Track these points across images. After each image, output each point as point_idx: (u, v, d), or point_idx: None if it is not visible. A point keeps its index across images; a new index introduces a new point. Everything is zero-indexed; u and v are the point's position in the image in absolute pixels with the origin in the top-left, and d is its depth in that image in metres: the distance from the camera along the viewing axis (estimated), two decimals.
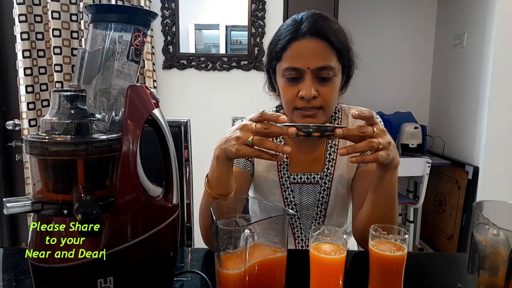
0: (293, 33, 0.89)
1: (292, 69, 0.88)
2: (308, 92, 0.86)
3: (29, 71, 1.96)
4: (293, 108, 0.91)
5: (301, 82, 0.88)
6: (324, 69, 0.87)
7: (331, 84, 0.89)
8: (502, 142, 2.35)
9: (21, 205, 0.53)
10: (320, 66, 0.87)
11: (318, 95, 0.88)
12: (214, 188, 0.80)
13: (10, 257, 0.89)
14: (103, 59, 0.58)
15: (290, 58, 0.89)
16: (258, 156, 0.71)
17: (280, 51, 0.90)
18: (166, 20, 2.15)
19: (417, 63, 3.12)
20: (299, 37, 0.88)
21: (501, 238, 0.58)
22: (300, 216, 1.04)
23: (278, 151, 0.69)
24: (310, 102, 0.88)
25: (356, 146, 0.70)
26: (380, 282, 0.66)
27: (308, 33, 0.87)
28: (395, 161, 0.75)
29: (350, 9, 2.91)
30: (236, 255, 0.59)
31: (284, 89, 0.92)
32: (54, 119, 0.55)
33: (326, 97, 0.89)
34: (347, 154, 0.70)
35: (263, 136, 0.71)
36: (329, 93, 0.89)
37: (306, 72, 0.87)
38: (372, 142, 0.69)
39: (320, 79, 0.88)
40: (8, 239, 2.13)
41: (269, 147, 0.69)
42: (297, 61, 0.88)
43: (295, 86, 0.89)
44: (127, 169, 0.55)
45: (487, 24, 2.36)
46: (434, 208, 2.91)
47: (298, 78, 0.89)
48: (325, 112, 0.91)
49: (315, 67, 0.87)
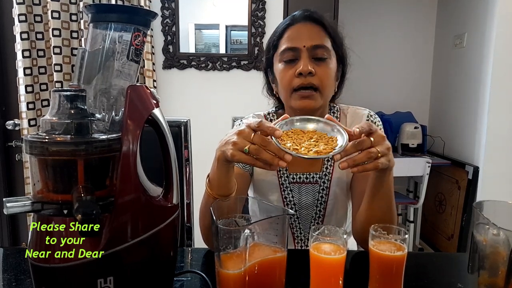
0: (288, 21, 0.96)
1: (288, 50, 0.93)
2: (305, 67, 0.90)
3: (29, 71, 1.96)
4: (291, 91, 0.93)
5: (298, 62, 0.92)
6: (319, 47, 0.92)
7: (326, 65, 0.93)
8: (502, 142, 2.35)
9: (21, 205, 0.53)
10: (315, 44, 0.92)
11: (314, 74, 0.91)
12: (215, 189, 0.79)
13: (10, 257, 0.89)
14: (103, 59, 0.58)
15: (286, 40, 0.94)
16: (253, 164, 0.70)
17: (277, 39, 0.97)
18: (166, 20, 2.15)
19: (417, 63, 3.12)
20: (294, 23, 0.95)
21: (501, 238, 0.58)
22: (299, 216, 1.04)
23: (274, 163, 0.69)
24: (307, 78, 0.91)
25: (356, 159, 0.69)
26: (380, 282, 0.66)
27: (302, 18, 0.94)
28: (390, 163, 0.75)
29: (350, 9, 2.91)
30: (236, 255, 0.59)
31: (282, 72, 0.95)
32: (54, 119, 0.55)
33: (322, 76, 0.92)
34: (348, 167, 0.69)
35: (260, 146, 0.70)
36: (325, 73, 0.93)
37: (302, 50, 0.92)
38: (371, 153, 0.69)
39: (315, 59, 0.92)
40: (8, 239, 2.13)
41: (265, 158, 0.68)
42: (293, 41, 0.93)
43: (292, 67, 0.93)
44: (127, 169, 0.55)
45: (487, 24, 2.36)
46: (434, 208, 2.92)
47: (295, 60, 0.93)
48: (322, 95, 0.93)
49: (310, 45, 0.91)
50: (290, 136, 0.73)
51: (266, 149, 0.68)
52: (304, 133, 0.75)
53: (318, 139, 0.72)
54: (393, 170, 0.80)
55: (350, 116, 1.04)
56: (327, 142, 0.71)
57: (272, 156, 0.68)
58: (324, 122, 0.77)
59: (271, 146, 0.68)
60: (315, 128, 0.77)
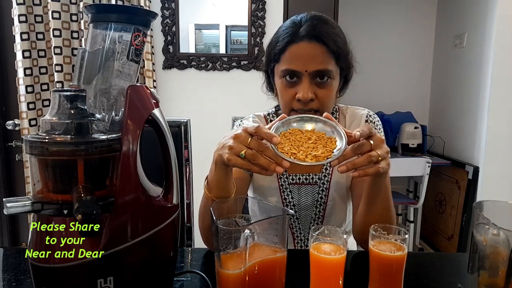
0: (292, 35, 0.89)
1: (289, 71, 0.89)
2: (305, 94, 0.87)
3: (29, 71, 1.96)
4: (290, 110, 0.92)
5: (299, 84, 0.89)
6: (321, 72, 0.88)
7: (328, 87, 0.90)
8: (502, 142, 2.35)
9: (21, 205, 0.53)
10: (318, 69, 0.87)
11: (315, 98, 0.88)
12: (213, 191, 0.79)
13: (10, 257, 0.89)
14: (103, 59, 0.58)
15: (288, 60, 0.89)
16: (249, 169, 0.70)
17: (278, 53, 0.91)
18: (166, 20, 2.15)
19: (417, 63, 3.12)
20: (297, 40, 0.88)
21: (501, 238, 0.58)
22: (299, 216, 1.04)
23: (270, 169, 0.68)
24: (307, 104, 0.89)
25: (356, 162, 0.69)
26: (380, 282, 0.66)
27: (306, 37, 0.87)
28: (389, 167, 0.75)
29: (350, 9, 2.91)
30: (236, 255, 0.59)
31: (282, 91, 0.92)
32: (54, 119, 0.55)
33: (323, 100, 0.89)
34: (348, 171, 0.69)
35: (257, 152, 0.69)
36: (326, 96, 0.90)
37: (304, 74, 0.88)
38: (371, 157, 0.69)
39: (317, 82, 0.89)
40: (8, 239, 2.13)
41: (262, 163, 0.68)
42: (295, 63, 0.88)
43: (293, 88, 0.90)
44: (127, 169, 0.55)
45: (487, 24, 2.36)
46: (434, 208, 2.91)
47: (296, 80, 0.89)
48: (322, 113, 0.91)
49: (312, 70, 0.87)
50: (288, 138, 0.72)
51: (263, 154, 0.68)
52: (303, 133, 0.74)
53: (316, 140, 0.72)
54: (393, 170, 0.80)
55: (349, 116, 1.04)
56: (326, 144, 0.71)
57: (269, 161, 0.68)
58: (323, 122, 0.76)
59: (268, 152, 0.68)
60: (313, 127, 0.76)
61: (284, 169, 0.68)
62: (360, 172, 0.70)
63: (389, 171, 0.79)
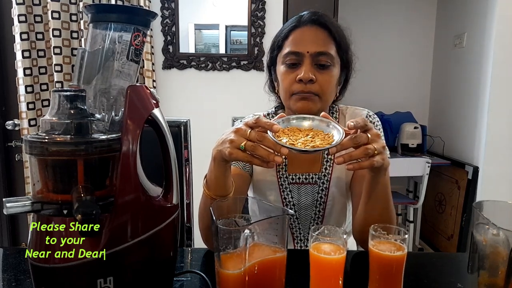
0: (295, 22, 0.94)
1: (292, 53, 0.92)
2: (306, 74, 0.89)
3: (29, 71, 1.96)
4: (291, 94, 0.93)
5: (300, 68, 0.91)
6: (323, 54, 0.91)
7: (329, 72, 0.92)
8: (502, 142, 2.35)
9: (21, 205, 0.53)
10: (319, 51, 0.90)
11: (315, 81, 0.90)
12: (212, 189, 0.80)
13: (10, 257, 0.89)
14: (103, 59, 0.58)
15: (291, 43, 0.93)
16: (250, 161, 0.71)
17: (282, 39, 0.95)
18: (166, 20, 2.15)
19: (417, 63, 3.12)
20: (300, 25, 0.93)
21: (501, 238, 0.58)
22: (298, 216, 1.04)
23: (270, 159, 0.69)
24: (307, 86, 0.90)
25: (352, 154, 0.69)
26: (380, 282, 0.66)
27: (309, 22, 0.93)
28: (385, 163, 0.75)
29: (350, 9, 2.91)
30: (236, 255, 0.59)
31: (283, 75, 0.94)
32: (54, 119, 0.55)
33: (323, 84, 0.91)
34: (344, 162, 0.69)
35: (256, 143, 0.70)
36: (327, 81, 0.91)
37: (305, 56, 0.90)
38: (368, 149, 0.69)
39: (318, 66, 0.91)
40: (8, 239, 2.13)
41: (261, 154, 0.69)
42: (297, 45, 0.92)
43: (294, 71, 0.92)
44: (127, 169, 0.55)
45: (487, 24, 2.36)
46: (434, 208, 2.92)
47: (297, 64, 0.92)
48: (321, 100, 0.92)
49: (314, 51, 0.90)
50: (287, 134, 0.73)
51: (262, 144, 0.68)
52: (301, 131, 0.75)
53: (314, 136, 0.72)
54: (393, 170, 0.80)
55: (349, 116, 1.04)
56: (324, 138, 0.71)
57: (268, 152, 0.68)
58: (319, 120, 0.77)
59: (267, 141, 0.68)
60: (311, 125, 0.77)
61: (283, 158, 0.68)
62: (355, 165, 0.70)
63: (389, 169, 0.80)
